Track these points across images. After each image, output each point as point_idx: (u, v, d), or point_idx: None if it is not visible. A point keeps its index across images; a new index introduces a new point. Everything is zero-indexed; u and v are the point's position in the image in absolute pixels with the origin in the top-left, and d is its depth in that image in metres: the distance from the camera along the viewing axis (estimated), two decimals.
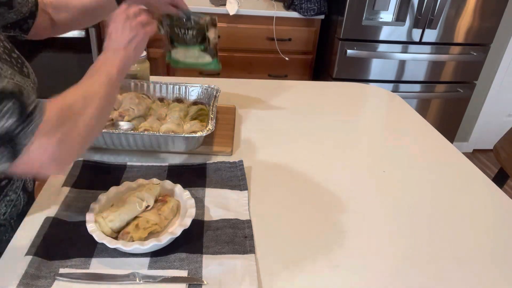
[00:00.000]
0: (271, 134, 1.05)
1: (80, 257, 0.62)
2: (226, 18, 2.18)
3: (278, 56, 2.31)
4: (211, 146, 0.94)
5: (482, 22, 2.13)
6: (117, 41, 0.69)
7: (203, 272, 0.61)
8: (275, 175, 0.88)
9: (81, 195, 0.75)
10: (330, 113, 1.22)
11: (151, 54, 2.22)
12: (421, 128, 1.19)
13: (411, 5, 2.03)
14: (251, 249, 0.66)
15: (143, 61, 1.12)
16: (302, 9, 2.18)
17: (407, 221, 0.78)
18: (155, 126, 0.92)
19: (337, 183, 0.87)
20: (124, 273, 0.60)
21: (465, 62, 2.25)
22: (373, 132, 1.14)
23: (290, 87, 1.41)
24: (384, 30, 2.08)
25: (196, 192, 0.78)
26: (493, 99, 2.69)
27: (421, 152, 1.05)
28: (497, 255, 0.71)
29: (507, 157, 1.21)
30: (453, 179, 0.94)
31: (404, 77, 2.25)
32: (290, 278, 0.63)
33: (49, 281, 0.58)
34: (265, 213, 0.76)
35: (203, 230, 0.69)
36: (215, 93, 1.04)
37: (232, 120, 1.08)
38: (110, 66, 0.66)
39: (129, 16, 0.71)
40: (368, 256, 0.68)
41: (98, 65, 0.66)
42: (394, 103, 1.36)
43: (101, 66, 0.66)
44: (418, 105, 2.35)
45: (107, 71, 0.65)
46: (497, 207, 0.86)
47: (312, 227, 0.74)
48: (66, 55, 2.20)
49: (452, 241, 0.74)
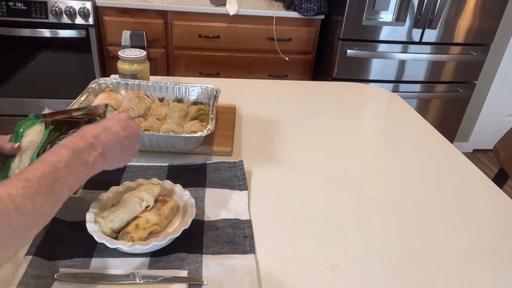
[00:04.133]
0: (271, 134, 1.05)
1: (80, 257, 0.62)
2: (226, 18, 2.18)
3: (278, 56, 2.31)
4: (211, 146, 0.94)
5: (482, 22, 2.13)
6: (110, 147, 0.53)
7: (203, 272, 0.61)
8: (275, 175, 0.88)
9: (81, 195, 0.75)
10: (330, 113, 1.22)
11: (151, 54, 2.22)
12: (421, 128, 1.19)
13: (411, 5, 2.03)
14: (251, 249, 0.66)
15: (143, 61, 1.12)
16: (302, 9, 2.18)
17: (407, 221, 0.78)
18: (155, 126, 0.92)
19: (337, 183, 0.87)
20: (124, 273, 0.60)
21: (465, 62, 2.25)
22: (373, 132, 1.14)
23: (290, 87, 1.41)
24: (384, 30, 2.08)
25: (196, 192, 0.78)
26: (493, 99, 2.70)
27: (421, 152, 1.05)
28: (497, 255, 0.71)
29: (507, 157, 1.21)
30: (453, 179, 0.94)
31: (404, 77, 2.25)
32: (290, 278, 0.63)
33: (49, 281, 0.58)
34: (265, 213, 0.76)
35: (203, 230, 0.69)
36: (215, 93, 1.04)
37: (232, 120, 1.08)
38: (65, 178, 0.45)
39: (139, 138, 0.60)
40: (368, 256, 0.68)
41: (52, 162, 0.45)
42: (394, 103, 1.36)
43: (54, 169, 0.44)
44: (418, 105, 2.35)
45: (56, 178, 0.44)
46: (497, 207, 0.86)
47: (312, 227, 0.74)
48: (66, 55, 2.20)
49: (452, 241, 0.74)
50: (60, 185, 0.44)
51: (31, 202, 0.41)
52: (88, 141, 0.49)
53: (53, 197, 0.43)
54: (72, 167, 0.46)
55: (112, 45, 2.20)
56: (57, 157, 0.45)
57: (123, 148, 0.55)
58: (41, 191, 0.42)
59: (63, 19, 2.07)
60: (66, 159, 0.45)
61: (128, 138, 0.56)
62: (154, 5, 2.12)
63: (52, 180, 0.43)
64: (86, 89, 1.00)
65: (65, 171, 0.45)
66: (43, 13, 2.04)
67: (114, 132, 0.54)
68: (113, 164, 0.55)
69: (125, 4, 2.09)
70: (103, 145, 0.51)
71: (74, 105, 0.92)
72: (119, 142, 0.54)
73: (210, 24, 2.20)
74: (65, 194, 0.45)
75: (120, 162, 0.57)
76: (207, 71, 2.34)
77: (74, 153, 0.47)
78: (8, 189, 0.40)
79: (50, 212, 0.43)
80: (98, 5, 2.09)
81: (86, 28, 2.10)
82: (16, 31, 2.07)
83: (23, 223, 0.40)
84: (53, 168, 0.44)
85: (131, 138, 0.57)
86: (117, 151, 0.53)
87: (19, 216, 0.39)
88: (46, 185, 0.42)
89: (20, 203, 0.40)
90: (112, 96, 1.00)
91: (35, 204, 0.41)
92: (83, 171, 0.48)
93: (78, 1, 2.04)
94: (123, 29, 2.14)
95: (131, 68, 1.10)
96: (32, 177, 0.42)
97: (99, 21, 2.14)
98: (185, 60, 2.29)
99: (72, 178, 0.46)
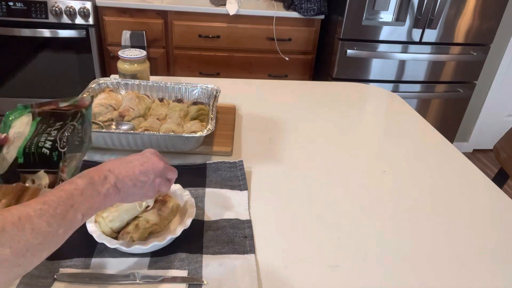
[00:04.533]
0: (271, 134, 1.05)
1: (80, 257, 0.62)
2: (226, 18, 2.18)
3: (278, 56, 2.31)
4: (211, 146, 0.94)
5: (482, 22, 2.13)
6: (123, 180, 0.54)
7: (203, 272, 0.61)
8: (275, 175, 0.88)
9: None
10: (330, 113, 1.22)
11: (151, 54, 2.22)
12: (421, 128, 1.19)
13: (411, 5, 2.03)
14: (251, 249, 0.66)
15: (143, 61, 1.12)
16: (302, 9, 2.18)
17: (407, 221, 0.78)
18: (155, 126, 0.92)
19: (337, 183, 0.87)
20: (124, 273, 0.60)
21: (465, 62, 2.25)
22: (373, 132, 1.14)
23: (290, 87, 1.41)
24: (384, 30, 2.08)
25: (196, 192, 0.78)
26: (493, 99, 2.70)
27: (421, 152, 1.05)
28: (497, 255, 0.71)
29: (507, 157, 1.21)
30: (453, 179, 0.94)
31: (404, 77, 2.25)
32: (290, 278, 0.63)
33: (49, 281, 0.58)
34: (265, 213, 0.76)
35: (203, 230, 0.69)
36: (215, 93, 1.04)
37: (232, 120, 1.08)
38: (80, 205, 0.48)
39: (159, 174, 0.60)
40: (368, 256, 0.68)
41: (69, 192, 0.48)
42: (394, 103, 1.36)
43: (72, 199, 0.47)
44: (418, 105, 2.35)
45: (75, 210, 0.47)
46: (497, 207, 0.86)
47: (312, 227, 0.74)
48: (66, 55, 2.20)
49: (452, 241, 0.74)
50: (75, 211, 0.47)
51: (46, 224, 0.43)
52: (102, 174, 0.53)
53: (67, 222, 0.46)
54: (87, 195, 0.49)
55: (112, 45, 2.20)
56: (74, 185, 0.49)
57: (137, 183, 0.56)
58: (56, 214, 0.45)
59: (63, 19, 2.07)
60: (82, 188, 0.49)
61: (144, 173, 0.57)
62: (154, 5, 2.12)
63: (68, 206, 0.46)
64: (86, 89, 1.00)
65: (80, 199, 0.48)
66: (43, 13, 2.04)
67: (130, 167, 0.57)
68: (129, 198, 0.57)
69: (125, 4, 2.09)
70: (117, 178, 0.54)
71: None
72: (134, 177, 0.56)
73: (210, 24, 2.20)
74: (79, 220, 0.48)
75: (137, 196, 0.58)
76: (207, 71, 2.33)
77: (89, 183, 0.50)
78: (27, 210, 0.43)
79: (63, 236, 0.46)
80: (98, 5, 2.09)
81: (86, 28, 2.10)
82: (16, 31, 2.06)
83: (37, 243, 0.42)
84: (69, 194, 0.47)
85: (148, 173, 0.58)
86: (130, 186, 0.55)
87: (35, 236, 0.42)
88: (62, 209, 0.45)
89: (36, 224, 0.43)
90: (112, 96, 1.00)
91: (50, 226, 0.44)
92: (97, 200, 0.50)
93: (78, 1, 2.04)
94: (123, 29, 2.14)
95: (131, 68, 1.10)
96: (50, 200, 0.45)
97: (99, 21, 2.14)
98: (185, 60, 2.29)
99: (86, 205, 0.49)
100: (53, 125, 0.62)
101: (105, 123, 0.92)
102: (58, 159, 0.59)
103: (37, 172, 0.59)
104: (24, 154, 0.58)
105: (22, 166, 0.58)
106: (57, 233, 0.45)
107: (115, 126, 0.91)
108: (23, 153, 0.58)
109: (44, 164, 0.59)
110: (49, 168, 0.59)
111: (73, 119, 0.63)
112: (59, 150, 0.59)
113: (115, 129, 0.90)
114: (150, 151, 0.62)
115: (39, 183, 0.58)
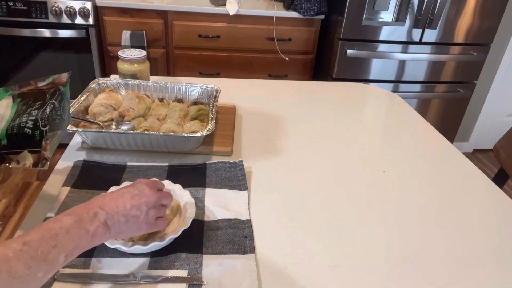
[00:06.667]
0: (271, 134, 1.05)
1: (80, 257, 0.62)
2: (226, 18, 2.18)
3: (278, 56, 2.31)
4: (211, 146, 0.94)
5: (482, 22, 2.14)
6: (114, 217, 0.52)
7: (203, 272, 0.61)
8: (275, 175, 0.88)
9: (81, 195, 0.75)
10: (330, 113, 1.22)
11: (151, 54, 2.23)
12: (421, 128, 1.19)
13: (411, 5, 2.03)
14: (251, 249, 0.66)
15: (143, 61, 1.12)
16: (302, 9, 2.18)
17: (407, 221, 0.78)
18: (155, 126, 0.92)
19: (337, 183, 0.87)
20: (124, 273, 0.60)
21: (465, 62, 2.25)
22: (373, 132, 1.14)
23: (290, 87, 1.41)
24: (384, 30, 2.09)
25: (196, 192, 0.78)
26: (493, 99, 2.70)
27: (421, 152, 1.05)
28: (497, 255, 0.71)
29: (507, 157, 1.21)
30: (453, 179, 0.94)
31: (404, 77, 2.25)
32: (290, 278, 0.63)
33: (49, 281, 0.58)
34: (265, 213, 0.76)
35: (203, 230, 0.69)
36: (215, 93, 1.04)
37: (232, 120, 1.08)
38: (64, 245, 0.45)
39: (152, 205, 0.58)
40: (368, 256, 0.68)
41: (54, 229, 0.46)
42: (394, 103, 1.36)
43: (55, 238, 0.45)
44: (418, 105, 2.35)
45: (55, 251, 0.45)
46: (497, 207, 0.86)
47: (312, 227, 0.74)
48: (66, 55, 2.20)
49: (452, 241, 0.74)
50: (57, 251, 0.45)
51: (25, 267, 0.41)
52: (92, 211, 0.50)
53: (48, 263, 0.44)
54: (73, 235, 0.47)
55: (112, 45, 2.20)
56: (60, 223, 0.46)
57: (130, 218, 0.54)
58: (37, 256, 0.42)
59: (63, 19, 2.07)
60: (68, 227, 0.46)
61: (137, 207, 0.55)
62: (154, 5, 2.12)
63: (50, 246, 0.44)
64: (86, 89, 1.00)
65: (65, 238, 0.46)
66: (43, 13, 2.04)
67: (121, 202, 0.54)
68: (121, 235, 0.55)
69: (125, 4, 2.09)
70: (107, 215, 0.51)
71: (74, 105, 0.92)
72: (125, 212, 0.54)
73: (210, 24, 2.20)
74: (61, 261, 0.45)
75: (130, 232, 0.56)
76: (207, 71, 2.34)
77: (76, 222, 0.48)
78: (5, 251, 0.41)
79: (42, 278, 0.43)
80: (98, 5, 2.09)
81: (86, 28, 2.10)
82: (16, 31, 2.06)
83: (14, 286, 0.40)
84: (53, 234, 0.45)
85: (140, 206, 0.56)
86: (121, 222, 0.53)
87: (11, 280, 0.40)
88: (43, 250, 0.43)
89: (13, 267, 0.40)
90: (112, 96, 1.00)
91: (29, 269, 0.41)
92: (84, 240, 0.48)
93: (78, 1, 2.04)
94: (123, 29, 2.14)
95: (131, 68, 1.10)
96: (31, 241, 0.43)
97: (99, 21, 2.14)
98: (185, 60, 2.30)
99: (72, 245, 0.46)
100: (33, 105, 0.62)
101: (105, 123, 0.92)
102: (40, 138, 0.60)
103: (21, 153, 0.59)
104: (7, 135, 0.58)
105: (6, 147, 0.58)
106: (35, 276, 0.42)
107: (115, 126, 0.91)
108: (6, 135, 0.59)
109: (27, 144, 0.59)
110: (32, 148, 0.59)
111: (51, 97, 0.63)
112: (41, 129, 0.60)
113: (115, 129, 0.90)
114: (142, 181, 0.60)
115: (24, 163, 0.58)
